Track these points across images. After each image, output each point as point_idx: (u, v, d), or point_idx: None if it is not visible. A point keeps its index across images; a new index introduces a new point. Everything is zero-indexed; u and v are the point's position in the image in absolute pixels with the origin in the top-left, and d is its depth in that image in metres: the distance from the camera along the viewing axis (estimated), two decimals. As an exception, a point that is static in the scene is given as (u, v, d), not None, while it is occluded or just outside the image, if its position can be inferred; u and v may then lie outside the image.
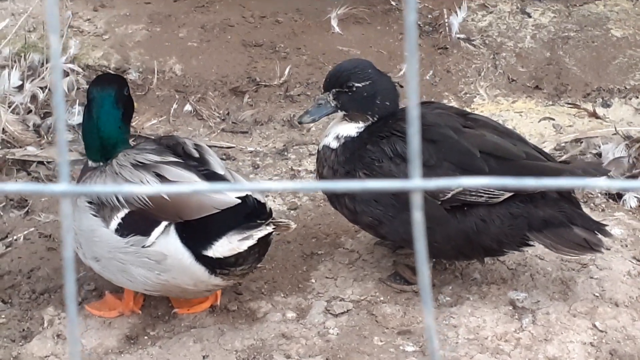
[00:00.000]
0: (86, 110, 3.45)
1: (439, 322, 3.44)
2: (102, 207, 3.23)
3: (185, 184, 3.11)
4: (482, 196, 3.29)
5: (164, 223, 3.17)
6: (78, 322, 3.44)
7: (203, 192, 1.68)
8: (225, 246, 3.13)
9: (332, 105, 3.43)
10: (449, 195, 3.29)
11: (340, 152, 3.43)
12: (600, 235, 3.33)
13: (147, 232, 3.18)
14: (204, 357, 3.33)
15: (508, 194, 3.30)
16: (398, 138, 3.33)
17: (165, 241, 3.17)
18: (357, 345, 3.37)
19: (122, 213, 3.21)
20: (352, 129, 3.44)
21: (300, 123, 3.59)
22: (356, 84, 3.39)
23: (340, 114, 3.45)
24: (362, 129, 3.43)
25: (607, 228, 3.37)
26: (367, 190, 0.80)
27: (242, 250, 3.14)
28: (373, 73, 3.43)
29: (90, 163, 3.44)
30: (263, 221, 3.16)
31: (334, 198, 3.51)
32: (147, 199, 3.14)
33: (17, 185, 0.93)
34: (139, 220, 3.18)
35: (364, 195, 3.34)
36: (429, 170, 3.28)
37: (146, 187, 2.09)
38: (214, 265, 3.17)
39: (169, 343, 3.37)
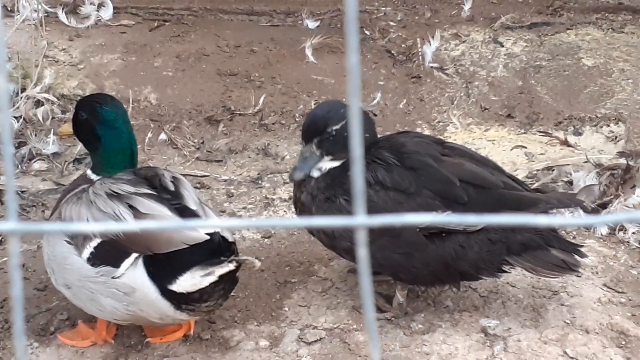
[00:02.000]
0: (106, 128, 3.49)
1: (411, 350, 3.46)
2: (75, 235, 3.24)
3: (146, 220, 3.13)
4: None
5: (134, 255, 3.18)
6: (51, 352, 3.43)
7: (162, 229, 1.70)
8: (189, 281, 3.15)
9: (317, 154, 3.43)
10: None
11: (321, 179, 3.45)
12: (577, 256, 3.37)
13: (117, 263, 3.19)
14: (176, 386, 3.32)
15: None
16: (379, 165, 3.37)
17: (133, 274, 3.18)
18: (329, 373, 3.38)
19: (94, 242, 3.22)
20: (335, 162, 3.47)
21: (292, 180, 3.53)
22: (334, 127, 3.39)
23: (327, 158, 3.45)
24: (345, 160, 3.45)
25: (582, 249, 3.42)
26: (313, 227, 0.82)
27: (205, 286, 3.16)
28: (346, 111, 3.43)
29: (94, 176, 3.46)
30: (226, 258, 3.17)
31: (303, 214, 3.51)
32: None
33: None
34: (110, 251, 3.19)
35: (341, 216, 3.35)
36: (409, 197, 3.32)
37: (91, 226, 2.09)
38: (179, 300, 3.18)
39: (141, 372, 3.37)
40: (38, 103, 4.65)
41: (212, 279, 3.15)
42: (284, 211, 4.18)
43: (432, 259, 3.35)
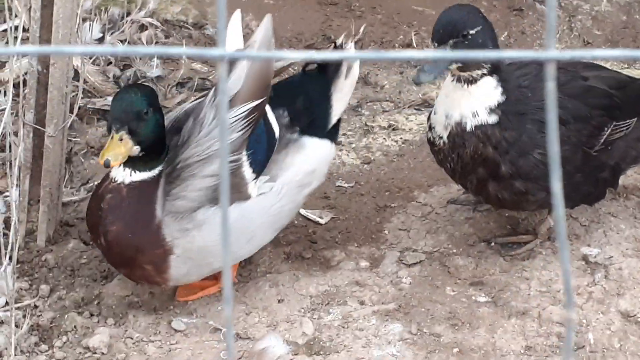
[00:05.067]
0: (158, 116, 3.16)
1: (511, 275, 3.47)
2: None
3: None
4: (622, 130, 3.37)
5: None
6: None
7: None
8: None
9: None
10: (602, 141, 3.33)
11: (501, 124, 3.22)
12: None
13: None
14: (279, 300, 3.40)
15: (635, 119, 3.42)
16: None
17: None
18: (429, 294, 3.42)
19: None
20: (489, 98, 3.22)
21: (417, 84, 3.30)
22: (471, 31, 3.16)
23: (454, 65, 3.17)
24: (502, 100, 3.23)
25: None
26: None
27: None
28: (481, 17, 3.25)
29: (146, 175, 3.16)
30: None
31: (495, 179, 3.28)
32: None
33: (177, 50, 0.97)
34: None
35: (538, 174, 3.25)
36: (587, 124, 3.32)
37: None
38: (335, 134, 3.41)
39: (245, 287, 3.45)
40: (142, 27, 4.72)
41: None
42: (383, 138, 4.20)
43: (607, 175, 3.39)
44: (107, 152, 3.00)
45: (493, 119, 3.23)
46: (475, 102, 3.23)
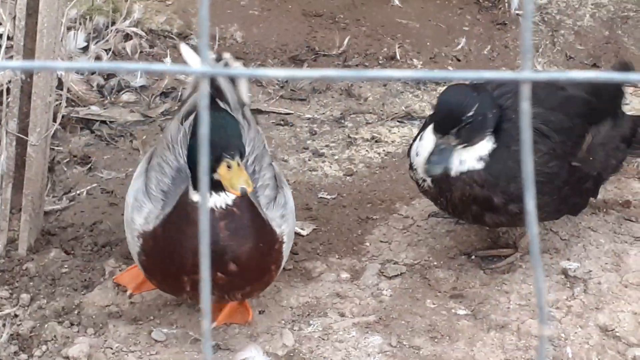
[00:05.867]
0: None
1: (491, 288, 3.49)
2: None
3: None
4: (600, 132, 3.45)
5: None
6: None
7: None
8: None
9: (454, 144, 3.23)
10: (585, 148, 3.38)
11: (488, 167, 3.28)
12: None
13: None
14: (259, 312, 3.41)
15: (609, 118, 3.49)
16: (537, 121, 3.28)
17: None
18: (409, 306, 3.43)
19: None
20: (481, 152, 3.29)
21: (430, 176, 3.27)
22: (469, 114, 3.20)
23: (460, 147, 3.25)
24: (500, 140, 3.29)
25: None
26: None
27: None
28: (474, 94, 3.24)
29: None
30: None
31: (490, 210, 3.33)
32: None
33: (161, 66, 0.99)
34: None
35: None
36: (571, 134, 3.35)
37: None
38: None
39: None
40: (127, 37, 4.73)
41: None
42: (366, 150, 4.22)
43: (585, 180, 3.42)
44: (237, 181, 2.84)
45: (481, 165, 3.29)
46: (466, 155, 3.28)
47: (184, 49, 3.56)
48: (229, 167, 2.86)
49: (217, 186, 2.92)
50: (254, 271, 3.07)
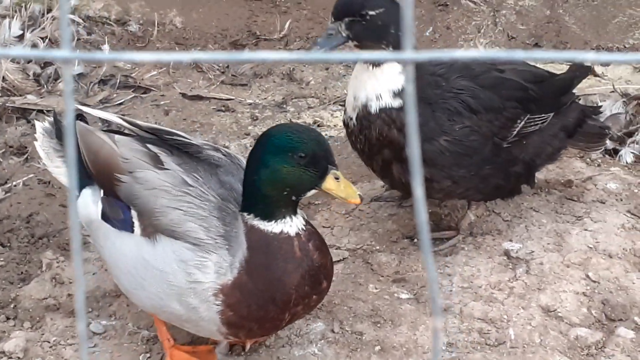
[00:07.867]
0: None
1: (433, 271, 3.47)
2: None
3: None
4: (537, 124, 3.39)
5: None
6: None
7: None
8: None
9: (344, 35, 3.14)
10: (515, 133, 3.34)
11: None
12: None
13: None
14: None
15: (552, 114, 3.47)
16: (465, 95, 3.25)
17: None
18: (352, 292, 3.40)
19: None
20: (393, 83, 3.21)
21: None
22: (370, 12, 3.11)
23: (352, 43, 3.19)
24: (419, 80, 3.22)
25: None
26: (360, 60, 0.81)
27: None
28: (387, 1, 3.17)
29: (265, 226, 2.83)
30: None
31: (399, 162, 3.27)
32: None
33: (20, 50, 0.94)
34: None
35: (443, 161, 3.26)
36: (499, 114, 3.32)
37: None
38: None
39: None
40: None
41: None
42: (308, 135, 4.18)
43: (519, 168, 3.39)
44: (352, 190, 2.78)
45: (397, 103, 3.22)
46: (379, 86, 3.20)
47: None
48: (336, 178, 2.79)
49: (294, 209, 2.81)
50: (327, 285, 2.95)
